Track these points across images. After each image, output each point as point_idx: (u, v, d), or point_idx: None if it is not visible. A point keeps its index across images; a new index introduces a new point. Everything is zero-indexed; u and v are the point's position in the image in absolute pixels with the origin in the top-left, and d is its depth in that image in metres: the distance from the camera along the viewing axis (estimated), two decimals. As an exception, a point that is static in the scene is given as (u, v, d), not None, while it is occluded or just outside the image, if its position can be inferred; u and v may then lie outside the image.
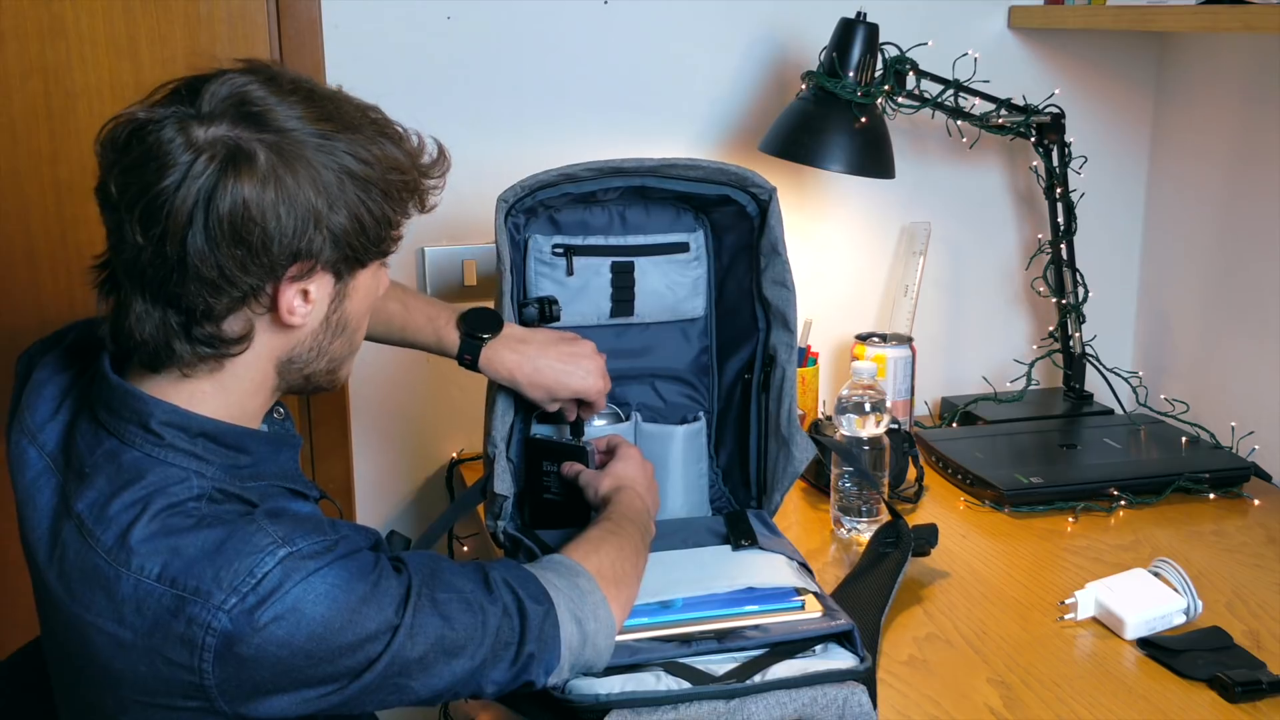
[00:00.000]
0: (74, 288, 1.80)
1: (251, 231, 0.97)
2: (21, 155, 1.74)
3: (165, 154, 0.97)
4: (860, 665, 1.19)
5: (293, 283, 1.03)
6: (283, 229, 0.99)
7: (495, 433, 1.42)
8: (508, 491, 1.41)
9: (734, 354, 1.57)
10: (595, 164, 1.43)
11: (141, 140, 0.98)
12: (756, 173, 1.46)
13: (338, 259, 1.04)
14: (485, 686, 1.08)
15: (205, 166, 0.96)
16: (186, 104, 0.99)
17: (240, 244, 0.98)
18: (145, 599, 0.97)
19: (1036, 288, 2.10)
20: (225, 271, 0.98)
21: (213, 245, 0.97)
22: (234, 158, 0.97)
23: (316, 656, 0.98)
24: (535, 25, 1.86)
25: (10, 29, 1.69)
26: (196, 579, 0.96)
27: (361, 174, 1.02)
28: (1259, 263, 1.90)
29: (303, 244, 1.00)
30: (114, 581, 0.98)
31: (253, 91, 1.00)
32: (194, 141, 0.97)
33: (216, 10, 1.77)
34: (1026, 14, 2.01)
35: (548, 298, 1.49)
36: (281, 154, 0.98)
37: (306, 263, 1.02)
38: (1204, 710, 1.24)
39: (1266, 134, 1.88)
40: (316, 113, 1.01)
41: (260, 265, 0.99)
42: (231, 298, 1.01)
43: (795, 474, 1.50)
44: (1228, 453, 1.84)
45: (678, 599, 1.27)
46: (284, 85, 1.02)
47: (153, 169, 0.97)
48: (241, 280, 0.99)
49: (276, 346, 1.07)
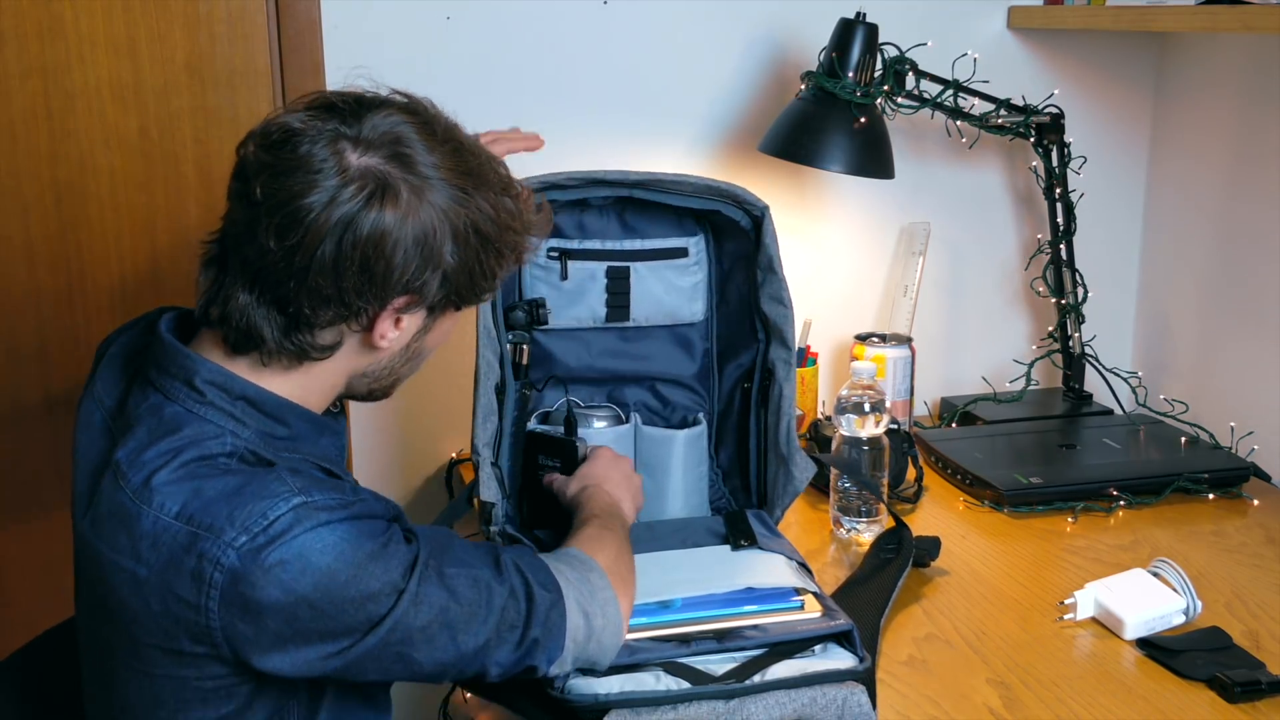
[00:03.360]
0: (73, 287, 1.80)
1: (378, 262, 1.03)
2: (21, 155, 1.74)
3: (316, 170, 1.01)
4: (860, 665, 1.19)
5: (395, 312, 1.09)
6: (406, 265, 1.05)
7: (478, 439, 1.41)
8: (494, 499, 1.41)
9: (734, 359, 1.57)
10: (579, 174, 1.42)
11: (294, 149, 1.02)
12: (746, 190, 1.46)
13: (440, 299, 1.11)
14: (489, 668, 1.10)
15: (354, 194, 1.01)
16: (346, 125, 1.04)
17: (365, 271, 1.03)
18: (162, 535, 1.01)
19: (1036, 288, 2.10)
20: (342, 291, 1.04)
21: (339, 266, 1.02)
22: (381, 192, 1.03)
23: (319, 608, 1.00)
24: (535, 25, 1.86)
25: (10, 29, 1.69)
26: (212, 517, 1.00)
27: (485, 230, 1.09)
28: (1258, 263, 1.90)
29: (418, 282, 1.07)
30: (135, 519, 1.02)
31: (409, 134, 1.06)
32: (346, 167, 1.02)
33: (216, 10, 1.76)
34: (1026, 14, 2.01)
35: (536, 300, 1.49)
36: (421, 198, 1.05)
37: (414, 298, 1.08)
38: (1203, 710, 1.24)
39: (1266, 134, 1.88)
40: (459, 166, 1.08)
41: (374, 292, 1.06)
42: (337, 313, 1.06)
43: (796, 493, 1.50)
44: (1227, 453, 1.84)
45: (677, 599, 1.27)
46: (437, 133, 1.09)
47: (301, 182, 1.01)
48: (353, 301, 1.05)
49: (357, 362, 1.14)
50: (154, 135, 1.78)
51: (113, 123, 1.76)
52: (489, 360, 1.42)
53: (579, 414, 1.53)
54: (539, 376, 1.56)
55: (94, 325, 1.82)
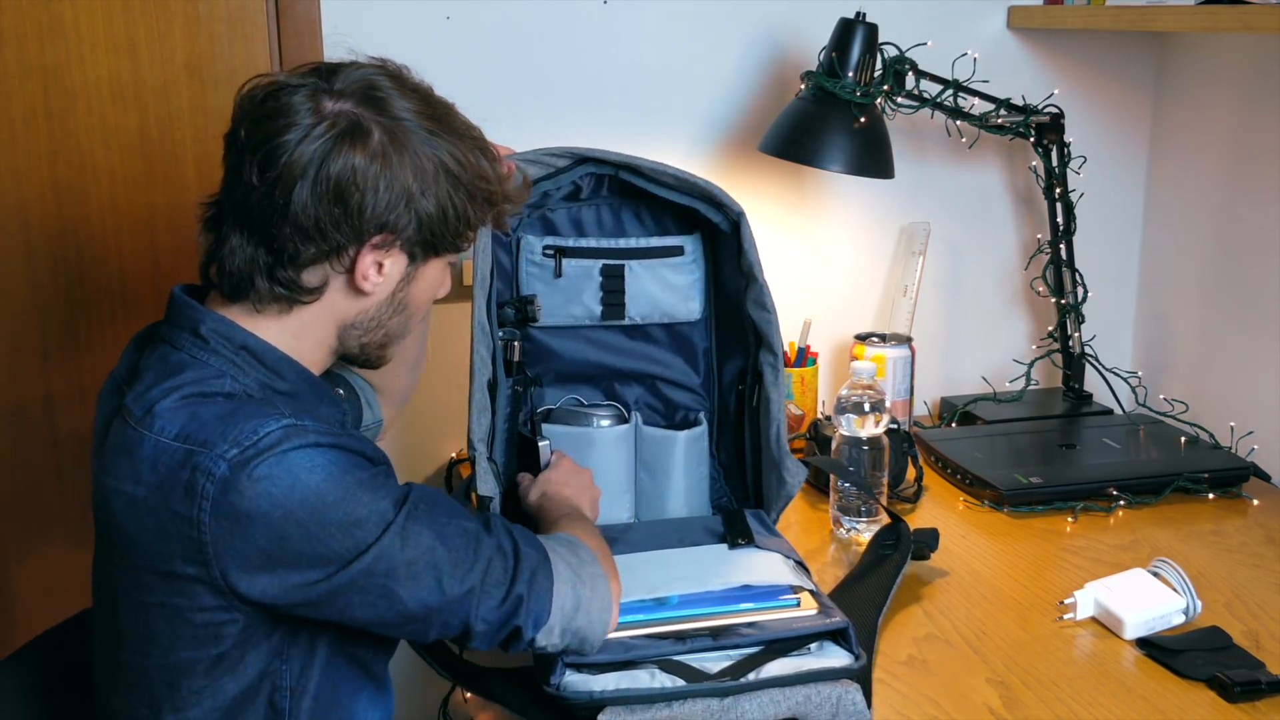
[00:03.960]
0: (73, 287, 1.80)
1: (351, 195, 1.10)
2: (21, 155, 1.74)
3: (294, 113, 1.10)
4: (855, 664, 1.19)
5: (373, 250, 1.14)
6: (378, 200, 1.11)
7: (473, 434, 1.41)
8: (491, 492, 1.41)
9: (731, 358, 1.57)
10: (565, 149, 1.43)
11: (276, 99, 1.12)
12: (723, 191, 1.45)
13: (416, 241, 1.16)
14: (474, 624, 1.12)
15: (326, 131, 1.09)
16: (323, 79, 1.13)
17: (340, 203, 1.10)
18: (160, 455, 1.07)
19: (1036, 288, 2.10)
20: (320, 224, 1.10)
21: (316, 199, 1.09)
22: (352, 131, 1.10)
23: (306, 526, 1.05)
24: (535, 25, 1.87)
25: (10, 29, 1.70)
26: (206, 434, 1.07)
27: (455, 172, 1.15)
28: (1258, 262, 1.90)
29: (391, 217, 1.12)
30: (137, 445, 1.09)
31: (380, 81, 1.14)
32: (321, 110, 1.10)
33: (216, 10, 1.77)
34: (1026, 14, 2.01)
35: (525, 297, 1.49)
36: (393, 137, 1.12)
37: (390, 235, 1.13)
38: (1203, 710, 1.24)
39: (1266, 134, 1.88)
40: (429, 112, 1.15)
41: (351, 226, 1.11)
42: (319, 249, 1.12)
43: (789, 497, 1.50)
44: (1227, 453, 1.84)
45: (673, 596, 1.27)
46: (406, 84, 1.16)
47: (280, 124, 1.10)
48: (331, 235, 1.11)
49: (344, 309, 1.18)
50: (154, 135, 1.78)
51: (113, 123, 1.76)
52: (482, 356, 1.42)
53: (581, 412, 1.53)
54: (538, 372, 1.56)
55: (94, 325, 1.82)
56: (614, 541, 1.42)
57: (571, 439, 1.50)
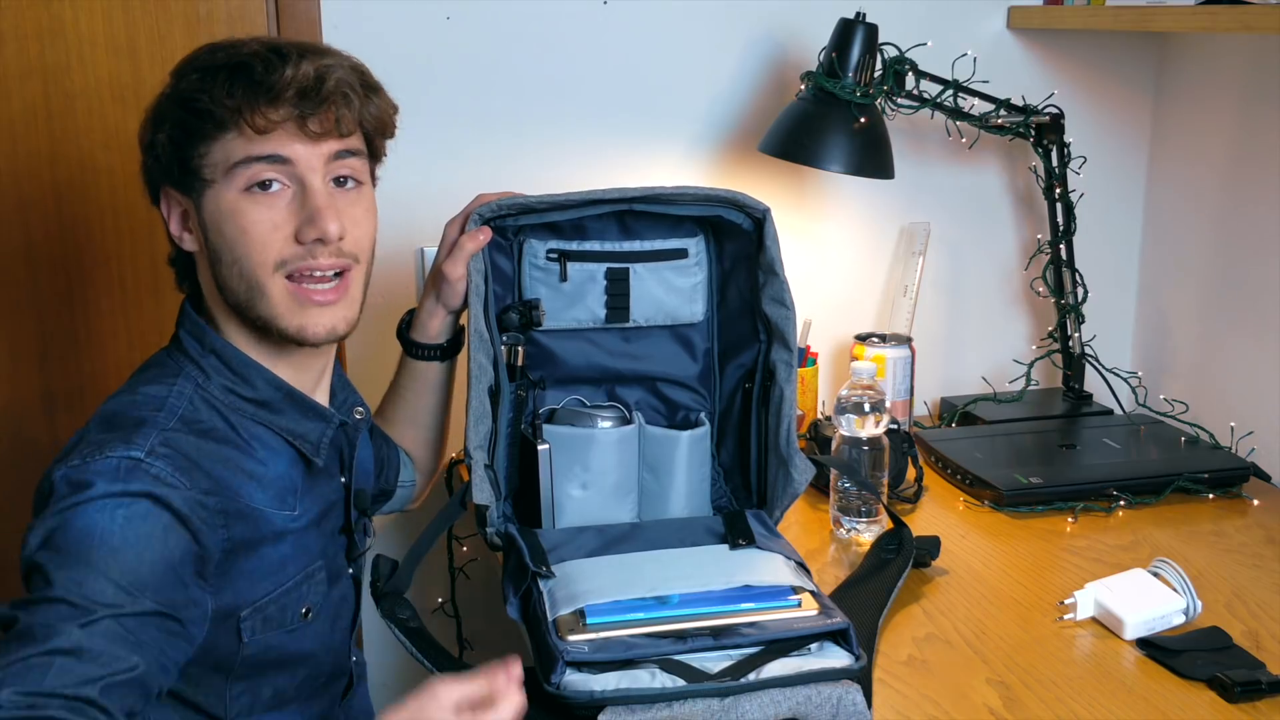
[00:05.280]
0: (73, 288, 1.80)
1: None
2: (20, 156, 1.74)
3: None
4: (855, 664, 1.19)
5: (166, 199, 1.21)
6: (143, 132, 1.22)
7: (470, 443, 1.41)
8: (487, 501, 1.41)
9: (735, 358, 1.57)
10: (578, 194, 1.41)
11: None
12: (746, 194, 1.45)
13: (157, 172, 1.22)
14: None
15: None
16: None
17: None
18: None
19: (1036, 288, 2.10)
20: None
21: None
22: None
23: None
24: (535, 25, 1.87)
25: (10, 29, 1.70)
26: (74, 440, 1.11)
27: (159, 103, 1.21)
28: (1258, 263, 1.90)
29: (144, 143, 1.22)
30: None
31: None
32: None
33: (216, 10, 1.77)
34: (1026, 14, 2.01)
35: (530, 302, 1.48)
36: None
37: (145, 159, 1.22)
38: (1203, 710, 1.24)
39: (1265, 134, 1.88)
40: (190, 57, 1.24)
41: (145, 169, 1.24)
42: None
43: (795, 495, 1.49)
44: (1227, 453, 1.84)
45: (674, 595, 1.27)
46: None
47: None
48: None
49: (202, 271, 1.22)
50: (154, 135, 1.78)
51: (113, 123, 1.76)
52: (481, 363, 1.42)
53: (585, 413, 1.53)
54: (540, 376, 1.56)
55: (94, 326, 1.82)
56: (617, 541, 1.42)
57: (574, 440, 1.50)
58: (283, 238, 1.15)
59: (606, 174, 1.91)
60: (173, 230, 1.21)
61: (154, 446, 1.07)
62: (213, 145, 1.14)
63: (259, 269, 1.15)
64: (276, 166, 1.14)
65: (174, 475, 1.06)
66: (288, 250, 1.15)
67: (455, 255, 1.40)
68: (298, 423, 1.18)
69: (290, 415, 1.17)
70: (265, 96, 1.12)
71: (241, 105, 1.12)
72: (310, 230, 1.15)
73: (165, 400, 1.13)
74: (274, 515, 1.17)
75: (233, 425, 1.16)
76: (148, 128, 1.18)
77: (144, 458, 1.05)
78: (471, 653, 1.95)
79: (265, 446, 1.18)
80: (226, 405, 1.16)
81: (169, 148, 1.16)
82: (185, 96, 1.14)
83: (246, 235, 1.15)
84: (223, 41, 1.18)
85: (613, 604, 1.24)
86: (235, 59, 1.14)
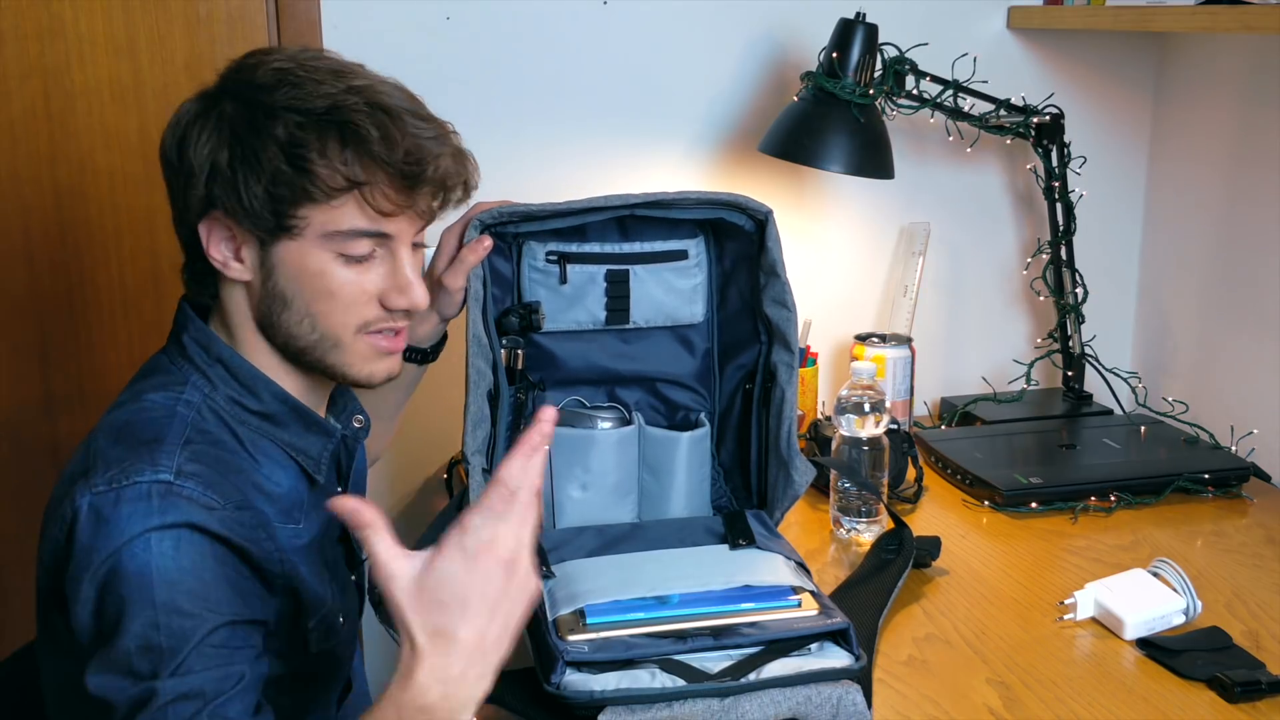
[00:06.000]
0: (73, 289, 1.80)
1: (180, 160, 1.14)
2: (21, 156, 1.74)
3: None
4: (855, 664, 1.19)
5: (214, 227, 1.12)
6: (198, 164, 1.12)
7: (468, 447, 1.41)
8: None
9: (735, 359, 1.57)
10: (579, 202, 1.41)
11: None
12: (749, 197, 1.45)
13: (245, 217, 1.11)
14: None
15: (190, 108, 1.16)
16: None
17: (169, 167, 1.16)
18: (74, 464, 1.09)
19: (1036, 288, 2.10)
20: (172, 193, 1.17)
21: (164, 164, 1.19)
22: (198, 97, 1.16)
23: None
24: (535, 25, 1.87)
25: (10, 29, 1.70)
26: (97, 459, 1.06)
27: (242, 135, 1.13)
28: (1258, 263, 1.90)
29: (215, 189, 1.12)
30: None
31: (248, 60, 1.16)
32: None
33: (216, 10, 1.77)
34: (1026, 14, 2.01)
35: (529, 305, 1.48)
36: (219, 105, 1.13)
37: (221, 211, 1.11)
38: (1203, 710, 1.24)
39: (1266, 134, 1.88)
40: (261, 80, 1.15)
41: (177, 185, 1.15)
42: (182, 226, 1.15)
43: (795, 496, 1.49)
44: (1227, 453, 1.84)
45: (674, 595, 1.27)
46: (276, 56, 1.15)
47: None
48: (178, 204, 1.16)
49: (239, 302, 1.15)
50: (154, 135, 1.76)
51: (113, 123, 1.76)
52: (480, 368, 1.42)
53: (585, 414, 1.53)
54: (540, 378, 1.56)
55: (94, 326, 1.82)
56: (617, 542, 1.42)
57: (574, 441, 1.50)
58: (368, 301, 1.13)
59: (606, 174, 1.91)
60: (215, 254, 1.11)
61: (180, 466, 1.03)
62: (316, 209, 1.08)
63: (340, 329, 1.13)
64: (378, 240, 1.12)
65: (206, 494, 1.03)
66: (372, 313, 1.14)
67: (456, 268, 1.37)
68: (300, 436, 1.16)
69: (293, 429, 1.16)
70: (402, 182, 1.10)
71: (372, 183, 1.08)
72: (399, 299, 1.14)
73: (174, 410, 1.10)
74: (279, 530, 1.15)
75: (239, 438, 1.14)
76: (211, 149, 1.09)
77: (174, 480, 1.02)
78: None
79: (270, 460, 1.16)
80: (232, 416, 1.13)
81: (266, 201, 1.07)
82: (293, 152, 1.06)
83: (334, 298, 1.11)
84: (298, 70, 1.09)
85: (613, 604, 1.24)
86: (342, 117, 1.07)
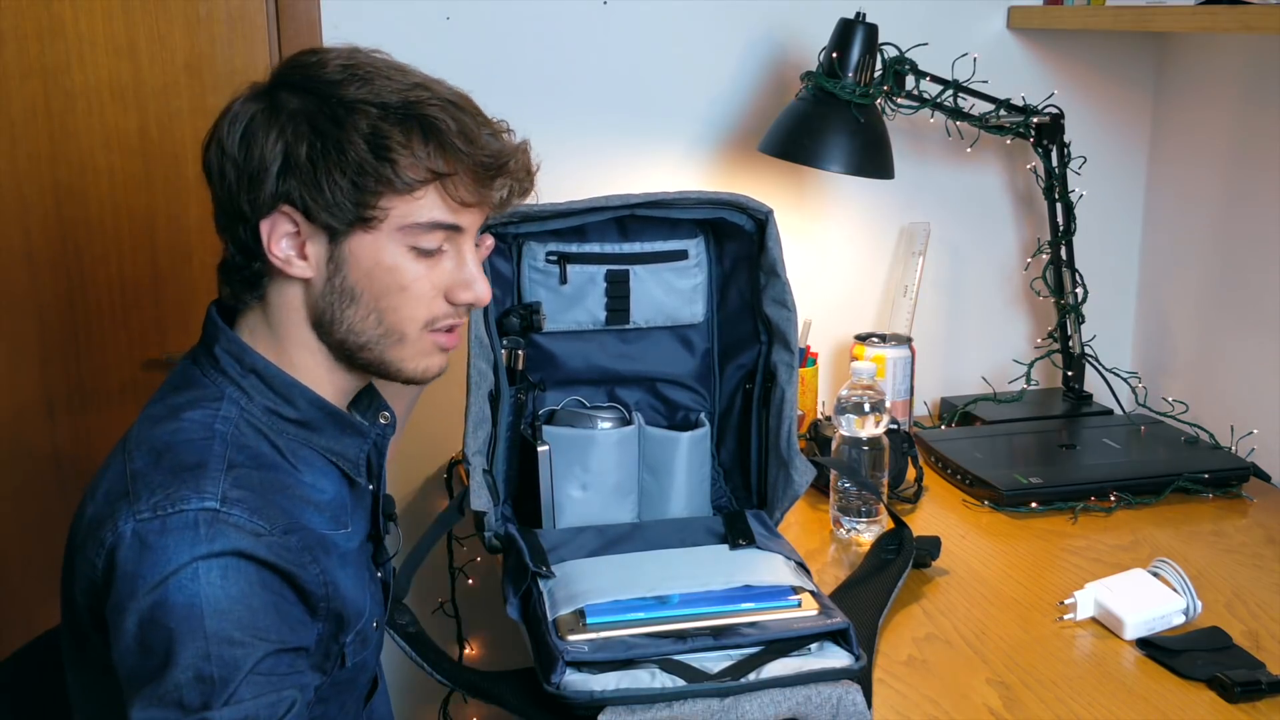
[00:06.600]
0: (73, 289, 1.80)
1: (247, 159, 1.09)
2: (21, 157, 1.74)
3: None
4: (855, 664, 1.19)
5: (278, 222, 1.09)
6: (265, 159, 1.09)
7: (469, 448, 1.41)
8: (485, 507, 1.40)
9: (735, 358, 1.57)
10: (579, 203, 1.41)
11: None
12: (749, 197, 1.45)
13: (315, 211, 1.10)
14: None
15: (244, 103, 1.12)
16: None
17: (236, 168, 1.10)
18: (113, 486, 1.06)
19: (1036, 288, 2.10)
20: (230, 194, 1.11)
21: (222, 174, 1.11)
22: (255, 95, 1.12)
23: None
24: (535, 25, 1.87)
25: (10, 29, 1.70)
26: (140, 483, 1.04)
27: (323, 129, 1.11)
28: (1258, 263, 1.90)
29: (282, 184, 1.09)
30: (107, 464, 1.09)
31: (308, 58, 1.14)
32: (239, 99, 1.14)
33: (216, 10, 1.77)
34: (1025, 14, 2.01)
35: (530, 306, 1.48)
36: (283, 101, 1.11)
37: (290, 206, 1.09)
38: (1203, 710, 1.24)
39: (1265, 134, 1.88)
40: (328, 75, 1.13)
41: (242, 185, 1.10)
42: (232, 226, 1.12)
43: (795, 496, 1.50)
44: (1227, 453, 1.84)
45: (674, 595, 1.27)
46: (334, 56, 1.14)
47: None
48: (239, 203, 1.11)
49: (294, 302, 1.13)
50: (154, 135, 1.79)
51: (113, 123, 1.76)
52: (481, 369, 1.42)
53: (584, 414, 1.53)
54: (540, 378, 1.56)
55: (94, 326, 1.82)
56: (617, 542, 1.42)
57: (574, 441, 1.50)
58: (435, 296, 1.14)
59: (606, 174, 1.92)
60: (276, 251, 1.09)
61: (226, 492, 1.02)
62: (398, 200, 1.08)
63: (408, 323, 1.14)
64: (450, 234, 1.13)
65: (252, 520, 1.02)
66: (439, 309, 1.15)
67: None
68: (336, 440, 1.16)
69: (329, 433, 1.15)
70: (483, 173, 1.11)
71: (454, 174, 1.10)
72: (465, 295, 1.15)
73: (213, 428, 1.08)
74: (334, 537, 1.14)
75: (279, 449, 1.12)
76: (286, 143, 1.07)
77: (220, 507, 1.01)
78: (471, 653, 1.95)
79: (311, 468, 1.15)
80: (269, 427, 1.12)
81: (350, 191, 1.06)
82: (378, 143, 1.06)
83: (406, 292, 1.12)
84: (363, 66, 1.10)
85: (613, 604, 1.24)
86: (419, 111, 1.09)
